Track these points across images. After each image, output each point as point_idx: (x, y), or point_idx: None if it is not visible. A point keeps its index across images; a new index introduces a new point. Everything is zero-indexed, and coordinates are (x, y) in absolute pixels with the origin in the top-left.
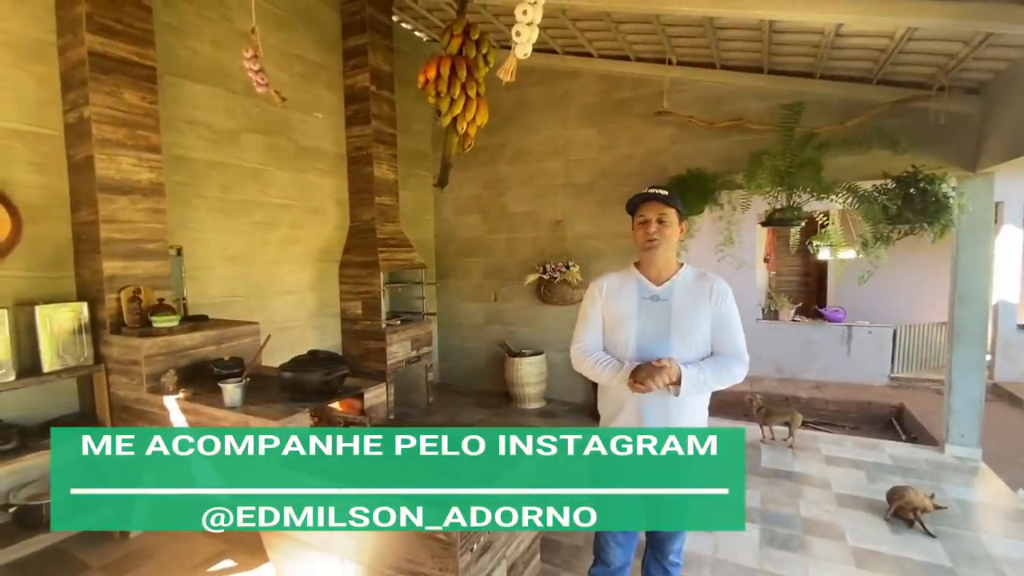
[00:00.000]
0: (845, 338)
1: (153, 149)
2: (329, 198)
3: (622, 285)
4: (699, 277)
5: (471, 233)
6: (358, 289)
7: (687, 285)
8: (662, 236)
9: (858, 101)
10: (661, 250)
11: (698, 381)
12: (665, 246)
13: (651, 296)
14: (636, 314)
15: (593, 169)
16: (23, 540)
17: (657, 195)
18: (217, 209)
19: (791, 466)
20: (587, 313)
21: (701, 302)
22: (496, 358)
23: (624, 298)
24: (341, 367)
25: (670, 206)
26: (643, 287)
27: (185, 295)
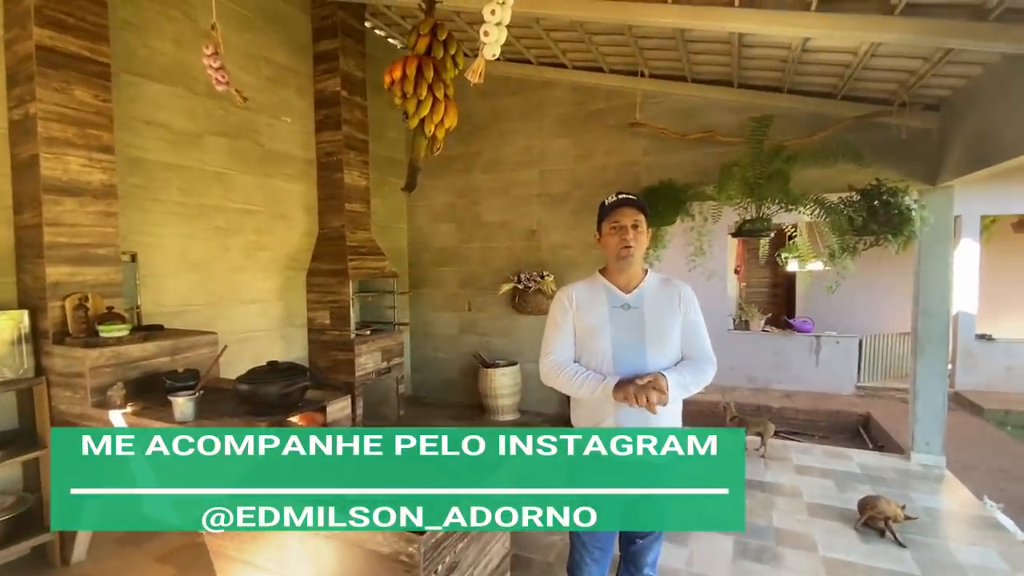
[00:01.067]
0: (814, 348)
1: (105, 149)
2: (297, 204)
3: (591, 294)
4: (664, 283)
5: (445, 242)
6: (326, 298)
7: (655, 292)
8: (637, 243)
9: (824, 115)
10: (636, 257)
11: (680, 386)
12: (639, 253)
13: (622, 304)
14: (609, 323)
15: (568, 179)
16: None
17: (631, 200)
18: (176, 213)
19: (763, 476)
20: (557, 324)
21: (671, 308)
22: (470, 369)
23: (595, 308)
24: (301, 379)
25: (643, 212)
26: (613, 295)
27: (139, 303)
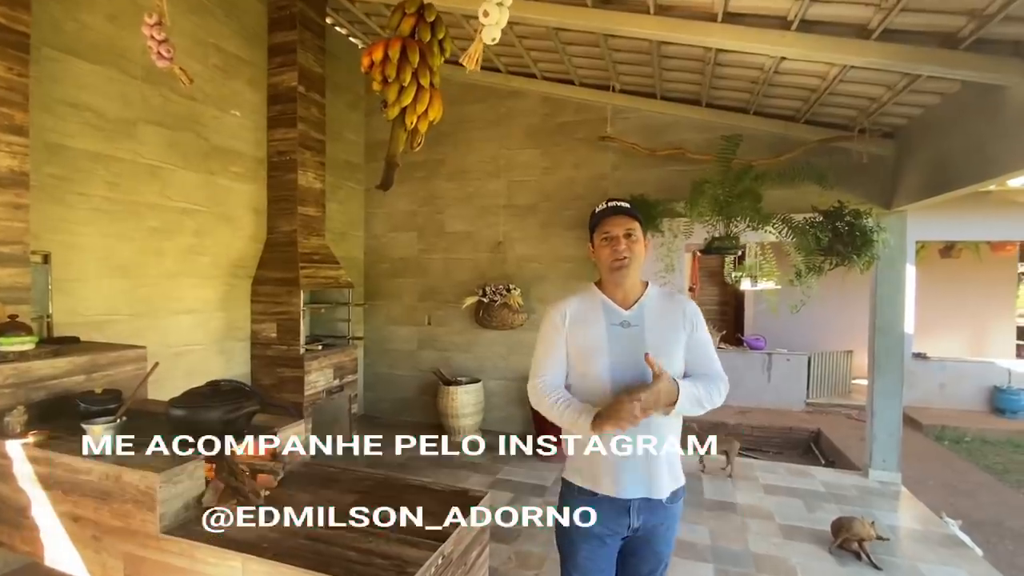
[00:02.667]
0: (766, 365)
1: (18, 131)
2: (244, 205)
3: (587, 310)
4: (667, 297)
5: (405, 252)
6: (273, 309)
7: (656, 307)
8: (632, 253)
9: (788, 138)
10: (631, 269)
11: (693, 399)
12: (635, 265)
13: (621, 322)
14: (607, 343)
15: (535, 191)
16: None
17: (623, 208)
18: (101, 210)
19: (733, 496)
20: (548, 343)
21: (674, 326)
22: (428, 387)
23: (591, 326)
24: (249, 402)
25: (636, 219)
26: (611, 312)
27: (50, 312)
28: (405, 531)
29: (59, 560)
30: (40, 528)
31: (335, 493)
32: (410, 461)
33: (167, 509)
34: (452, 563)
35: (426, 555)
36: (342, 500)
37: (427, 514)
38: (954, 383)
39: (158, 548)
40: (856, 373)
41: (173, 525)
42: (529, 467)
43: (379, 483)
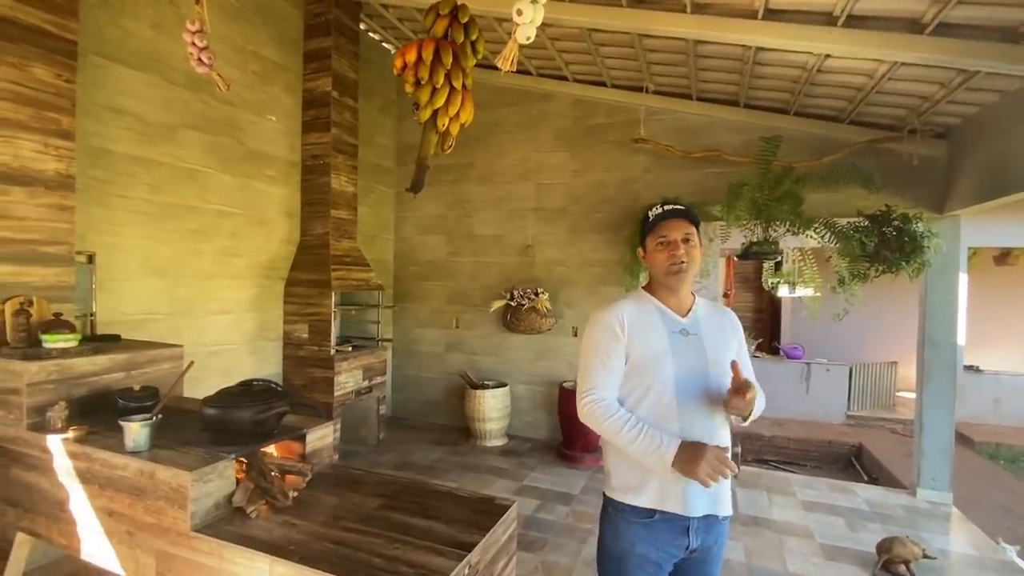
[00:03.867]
0: (804, 375)
1: (64, 135)
2: (278, 208)
3: (644, 317)
4: (712, 307)
5: (434, 255)
6: (305, 310)
7: (708, 316)
8: (690, 259)
9: (830, 139)
10: (689, 275)
11: (759, 408)
12: (692, 270)
13: (680, 330)
14: (671, 351)
15: (565, 194)
16: None
17: (681, 211)
18: (142, 212)
19: (769, 512)
20: (607, 352)
21: (725, 334)
22: (456, 390)
23: (653, 333)
24: (280, 403)
25: (695, 223)
26: (669, 319)
27: (94, 310)
28: (432, 538)
29: (94, 554)
30: (77, 522)
31: (361, 496)
32: (436, 464)
33: (198, 508)
34: (479, 573)
35: (452, 564)
36: (368, 503)
37: (453, 521)
38: (1009, 398)
39: (189, 546)
40: (901, 385)
41: (204, 524)
42: (556, 474)
43: (405, 487)
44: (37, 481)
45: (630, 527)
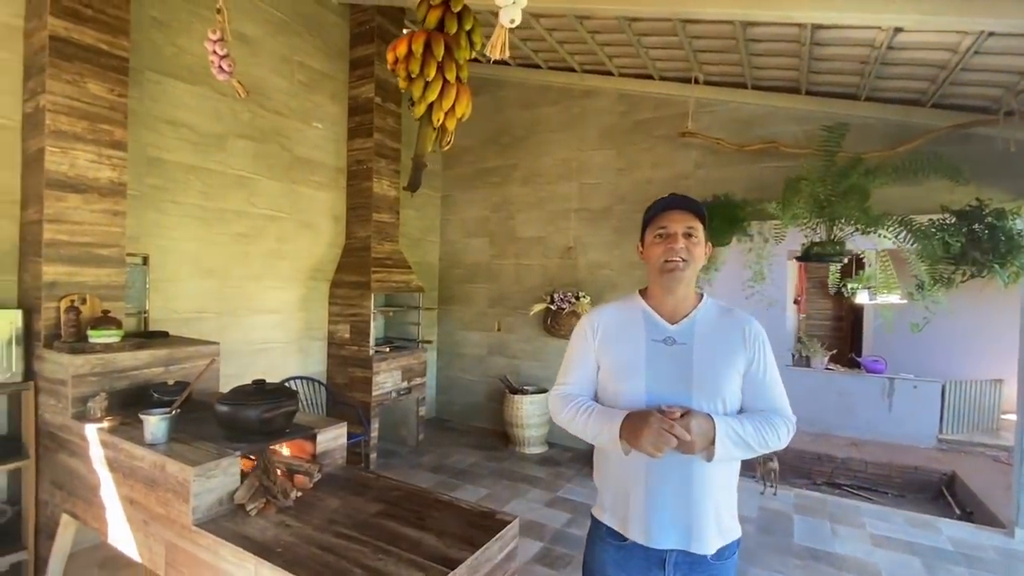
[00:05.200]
0: (886, 392)
1: (117, 145)
2: (324, 213)
3: (623, 321)
4: (724, 313)
5: (477, 257)
6: (348, 311)
7: (711, 324)
8: (690, 256)
9: (911, 125)
10: (687, 275)
11: (736, 439)
12: (691, 269)
13: (664, 338)
14: (644, 363)
15: (609, 194)
16: None
17: (684, 201)
18: (194, 216)
19: (831, 545)
20: (577, 356)
21: (732, 348)
22: (497, 394)
23: (627, 340)
24: (287, 402)
25: (700, 217)
26: (653, 325)
27: (147, 308)
28: (419, 551)
29: (118, 539)
30: (106, 507)
31: (363, 501)
32: (472, 468)
33: (200, 502)
34: None
35: None
36: (366, 509)
37: (446, 534)
38: None
39: (191, 539)
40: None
41: (205, 518)
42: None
43: (407, 495)
44: (77, 467)
45: (605, 548)
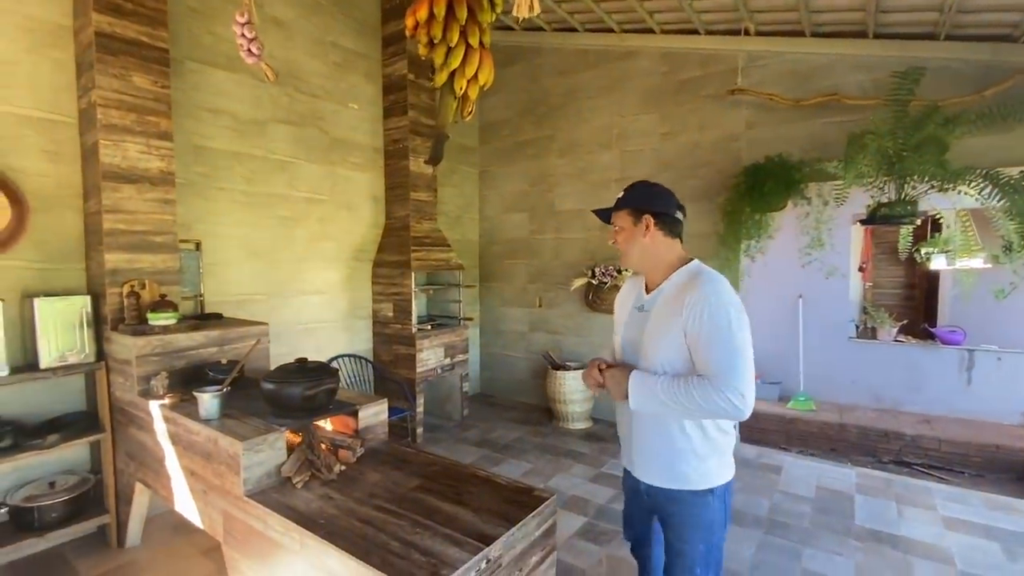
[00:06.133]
0: (964, 365)
1: (163, 136)
2: (364, 194)
3: (629, 290)
4: (687, 282)
5: (516, 233)
6: (390, 290)
7: (671, 293)
8: (624, 243)
9: (999, 64)
10: (630, 257)
11: (643, 390)
12: (629, 252)
13: (640, 306)
14: (623, 326)
15: (653, 161)
16: (18, 542)
17: (598, 212)
18: (240, 202)
19: (897, 527)
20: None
21: (672, 314)
22: (540, 370)
23: (623, 305)
24: (329, 380)
25: (617, 212)
26: (637, 296)
27: (202, 292)
28: (455, 526)
29: (182, 508)
30: (171, 477)
31: (403, 475)
32: (515, 443)
33: (250, 475)
34: (502, 567)
35: (466, 557)
36: (406, 484)
37: (483, 510)
38: None
39: (243, 509)
40: None
41: (255, 490)
42: None
43: (445, 470)
44: (145, 440)
45: (627, 473)
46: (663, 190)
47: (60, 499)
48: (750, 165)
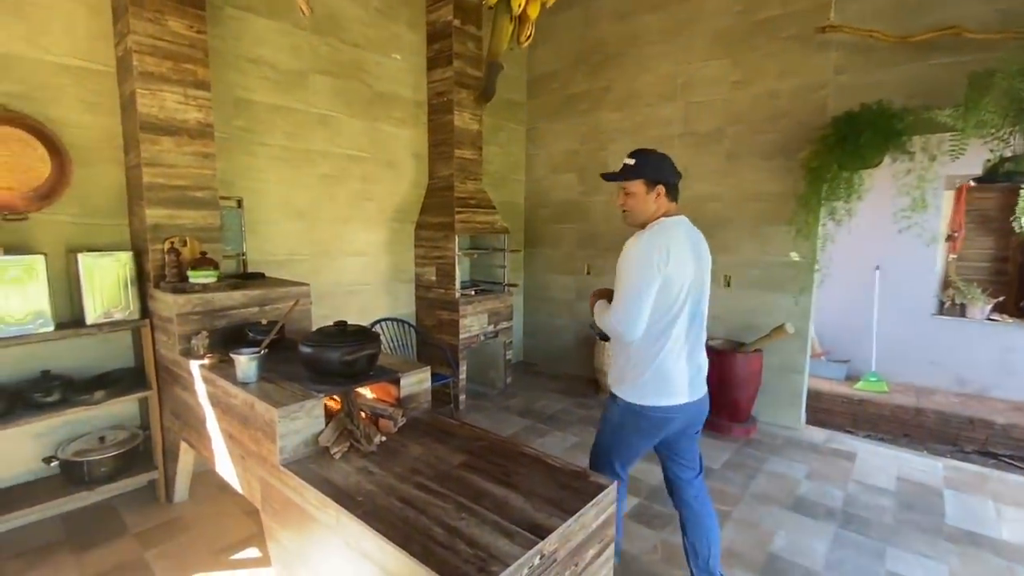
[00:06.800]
0: None
1: (201, 85)
2: (406, 151)
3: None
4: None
5: (565, 195)
6: (433, 253)
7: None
8: (627, 206)
9: None
10: (636, 217)
11: (596, 311)
12: (637, 214)
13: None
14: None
15: (721, 113)
16: (69, 495)
17: (609, 176)
18: (281, 159)
19: (997, 529)
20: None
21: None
22: (587, 339)
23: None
24: (369, 345)
25: (633, 180)
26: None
27: (245, 251)
28: (504, 512)
29: (222, 471)
30: (211, 438)
31: (447, 450)
32: (559, 415)
33: (286, 443)
34: (557, 563)
35: (519, 552)
36: (450, 460)
37: (534, 496)
38: None
39: (279, 479)
40: None
41: (292, 459)
42: None
43: (492, 446)
44: (188, 399)
45: None
46: (669, 161)
47: (109, 454)
48: (842, 114)
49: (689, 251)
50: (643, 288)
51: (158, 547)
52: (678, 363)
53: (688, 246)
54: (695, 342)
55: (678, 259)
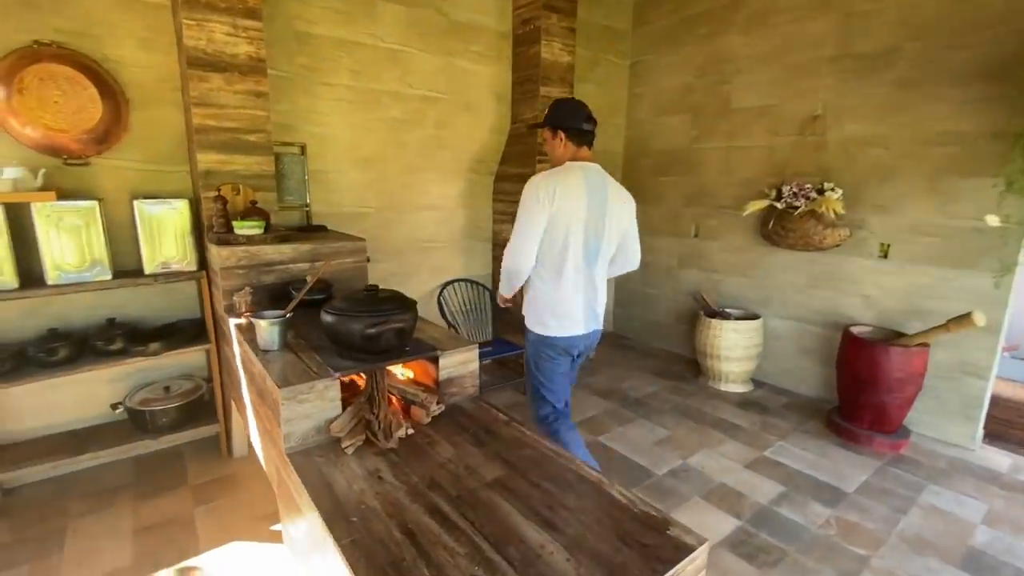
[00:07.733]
0: None
1: (251, 14)
2: (486, 91)
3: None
4: None
5: (672, 141)
6: (513, 209)
7: None
8: (549, 150)
9: None
10: (553, 160)
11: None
12: (553, 156)
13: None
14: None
15: (895, 26)
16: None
17: (533, 125)
18: (346, 100)
19: None
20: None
21: None
22: (687, 314)
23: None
24: (398, 316)
25: (542, 127)
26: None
27: (308, 201)
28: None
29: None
30: (245, 406)
31: (482, 457)
32: (649, 399)
33: (292, 429)
34: None
35: None
36: (483, 472)
37: (584, 549)
38: None
39: (286, 468)
40: None
41: (297, 448)
42: (820, 452)
43: (539, 460)
44: (230, 358)
45: None
46: (574, 107)
47: (172, 404)
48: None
49: (584, 193)
50: (527, 224)
51: (208, 504)
52: (575, 296)
53: (584, 189)
54: (591, 280)
55: (565, 198)
